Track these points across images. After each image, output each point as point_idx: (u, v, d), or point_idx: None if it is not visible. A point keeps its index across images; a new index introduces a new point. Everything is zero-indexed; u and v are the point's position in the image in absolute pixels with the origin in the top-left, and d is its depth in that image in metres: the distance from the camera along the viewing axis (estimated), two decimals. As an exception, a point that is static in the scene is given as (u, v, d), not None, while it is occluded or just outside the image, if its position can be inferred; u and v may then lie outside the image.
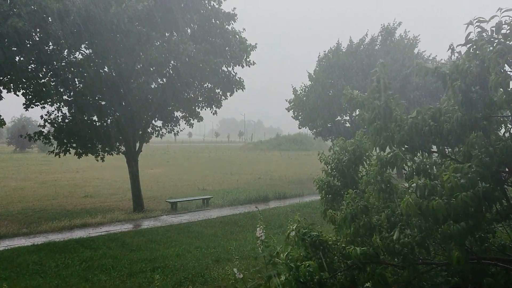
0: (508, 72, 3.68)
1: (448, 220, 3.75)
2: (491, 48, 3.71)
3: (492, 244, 4.71)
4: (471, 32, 3.97)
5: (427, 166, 4.51)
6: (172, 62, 15.47)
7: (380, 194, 4.70)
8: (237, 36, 16.33)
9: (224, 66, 16.57)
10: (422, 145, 4.43)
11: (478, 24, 3.92)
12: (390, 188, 4.70)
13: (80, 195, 20.25)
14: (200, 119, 18.19)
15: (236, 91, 17.51)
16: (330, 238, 4.64)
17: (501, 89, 3.57)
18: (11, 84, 13.87)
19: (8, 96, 14.24)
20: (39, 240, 11.88)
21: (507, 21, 3.72)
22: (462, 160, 4.16)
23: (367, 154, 5.74)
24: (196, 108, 17.71)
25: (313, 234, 4.55)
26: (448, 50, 4.25)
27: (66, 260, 9.66)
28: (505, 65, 3.63)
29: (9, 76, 13.63)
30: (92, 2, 12.99)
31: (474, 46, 3.93)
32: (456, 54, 4.35)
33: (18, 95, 14.36)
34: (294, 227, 4.63)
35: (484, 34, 3.91)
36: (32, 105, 14.61)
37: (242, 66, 16.90)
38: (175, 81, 16.16)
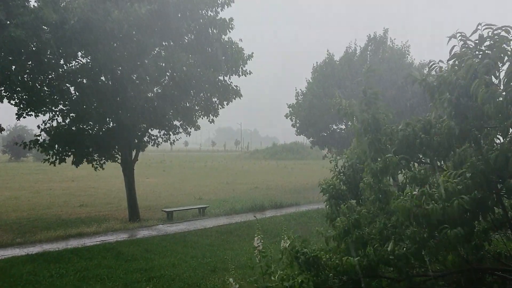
0: (494, 82, 3.76)
1: (443, 226, 3.75)
2: (476, 60, 3.80)
3: (488, 252, 4.71)
4: (455, 45, 4.08)
5: (423, 176, 4.51)
6: (169, 71, 15.51)
7: (377, 203, 4.70)
8: (234, 46, 16.40)
9: (220, 75, 16.63)
10: (414, 156, 4.46)
11: (461, 38, 4.03)
12: (386, 197, 4.70)
13: (75, 204, 20.11)
14: (198, 127, 18.19)
15: (232, 101, 17.56)
16: (323, 255, 4.59)
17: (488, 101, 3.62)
18: (7, 93, 13.83)
19: (2, 105, 14.20)
20: (33, 250, 11.76)
21: (489, 34, 3.84)
22: (453, 170, 4.19)
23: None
24: (193, 117, 17.71)
25: (306, 251, 4.49)
26: (430, 64, 4.35)
27: (60, 270, 9.57)
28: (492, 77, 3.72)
29: (3, 86, 13.58)
30: (91, 9, 13.05)
31: (460, 59, 4.03)
32: (442, 67, 4.41)
33: (12, 104, 14.31)
34: (287, 245, 4.57)
35: (468, 45, 4.01)
36: (25, 115, 14.54)
37: (239, 76, 16.97)
38: (172, 90, 16.18)
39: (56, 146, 15.26)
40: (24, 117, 14.61)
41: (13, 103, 14.25)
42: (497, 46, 3.73)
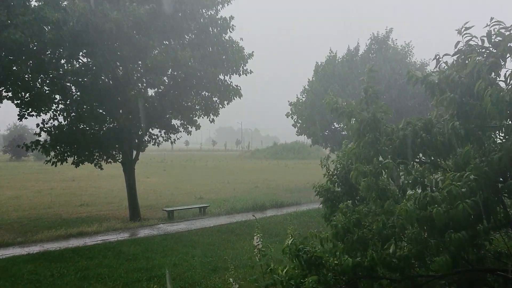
0: (498, 82, 3.70)
1: (447, 230, 3.70)
2: (480, 58, 3.72)
3: (488, 251, 4.69)
4: (459, 41, 3.98)
5: (424, 179, 4.44)
6: (170, 70, 15.49)
7: (377, 201, 4.67)
8: (234, 45, 16.40)
9: (221, 74, 16.62)
10: (414, 156, 4.40)
11: (466, 33, 3.94)
12: (385, 196, 4.67)
13: (76, 204, 20.13)
14: (198, 127, 18.19)
15: (232, 100, 17.55)
16: (325, 254, 4.54)
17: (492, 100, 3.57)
18: (9, 94, 13.84)
19: (3, 103, 14.20)
20: (34, 249, 11.77)
21: (496, 30, 3.75)
22: (454, 170, 4.14)
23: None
24: (194, 116, 17.70)
25: (308, 250, 4.44)
26: (434, 59, 4.27)
27: (61, 270, 9.59)
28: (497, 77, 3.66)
29: (4, 87, 13.59)
30: (91, 10, 13.04)
31: (463, 56, 3.94)
32: (442, 64, 4.33)
33: (14, 104, 14.31)
34: (288, 243, 4.51)
35: (472, 43, 3.92)
36: (26, 116, 14.54)
37: (239, 75, 16.96)
38: (172, 89, 16.18)
39: (58, 146, 15.26)
40: (26, 118, 14.61)
41: (15, 104, 14.25)
42: (503, 44, 3.66)
